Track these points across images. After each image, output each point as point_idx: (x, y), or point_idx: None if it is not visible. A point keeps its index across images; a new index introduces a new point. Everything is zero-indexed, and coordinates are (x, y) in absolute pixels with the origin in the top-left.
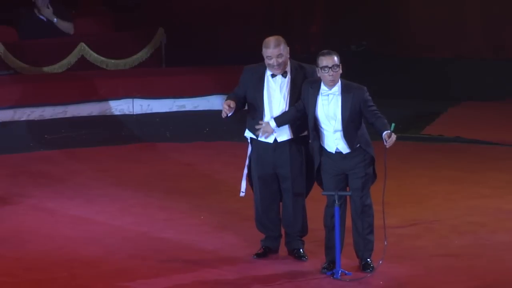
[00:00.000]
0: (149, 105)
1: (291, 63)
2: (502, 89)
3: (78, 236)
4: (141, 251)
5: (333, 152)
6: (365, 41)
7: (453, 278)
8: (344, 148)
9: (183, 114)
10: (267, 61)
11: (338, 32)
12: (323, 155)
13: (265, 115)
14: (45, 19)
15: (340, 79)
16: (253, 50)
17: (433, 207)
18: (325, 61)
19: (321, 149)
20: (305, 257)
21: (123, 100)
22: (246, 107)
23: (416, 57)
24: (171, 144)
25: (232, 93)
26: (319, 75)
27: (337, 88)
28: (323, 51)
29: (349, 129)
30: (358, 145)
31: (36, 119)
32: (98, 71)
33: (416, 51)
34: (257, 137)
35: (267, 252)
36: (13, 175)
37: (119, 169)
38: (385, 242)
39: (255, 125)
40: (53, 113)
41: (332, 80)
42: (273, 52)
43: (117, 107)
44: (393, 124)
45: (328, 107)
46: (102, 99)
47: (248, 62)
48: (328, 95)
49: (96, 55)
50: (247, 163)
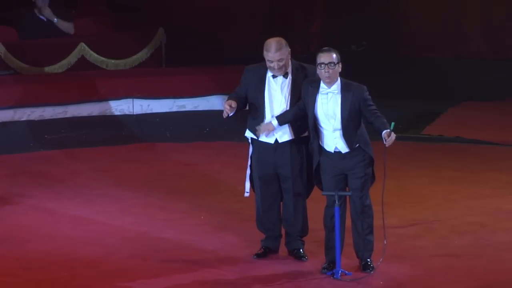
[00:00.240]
0: (149, 105)
1: (292, 63)
2: (502, 89)
3: (78, 236)
4: (141, 251)
5: (332, 152)
6: (365, 41)
7: (453, 278)
8: (343, 148)
9: (183, 114)
10: (268, 63)
11: (338, 32)
12: (322, 155)
13: (266, 115)
14: (45, 19)
15: (340, 78)
16: (253, 50)
17: (433, 207)
18: (322, 57)
19: (320, 148)
20: (305, 257)
21: (123, 100)
22: (247, 107)
23: (416, 57)
24: (171, 144)
25: (233, 93)
26: (317, 72)
27: (336, 86)
28: (323, 48)
29: (348, 128)
30: (357, 145)
31: (36, 119)
32: (98, 71)
33: (416, 51)
34: (257, 137)
35: (267, 252)
36: (13, 175)
37: (119, 169)
38: (385, 242)
39: (255, 125)
40: (53, 113)
41: (328, 77)
42: (274, 57)
43: (117, 107)
44: (392, 123)
45: (328, 105)
46: (102, 99)
47: (248, 62)
48: (327, 93)
49: (96, 55)
50: (249, 163)
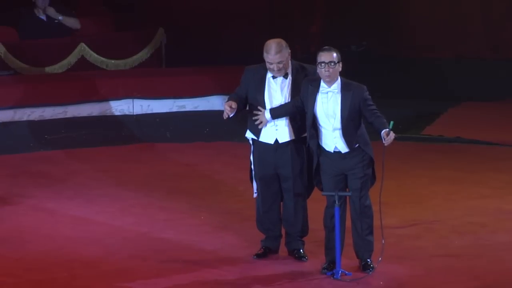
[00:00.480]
0: (149, 105)
1: (292, 64)
2: (502, 89)
3: (78, 236)
4: (141, 251)
5: (332, 152)
6: (365, 41)
7: (453, 279)
8: (343, 148)
9: (183, 115)
10: (267, 65)
11: (338, 32)
12: (321, 155)
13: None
14: (45, 19)
15: (340, 77)
16: (253, 50)
17: (433, 207)
18: (323, 56)
19: (319, 148)
20: (305, 257)
21: (123, 100)
22: (247, 107)
23: (416, 57)
24: (171, 144)
25: (234, 93)
26: (318, 71)
27: (336, 86)
28: (324, 47)
29: (348, 128)
30: (357, 145)
31: (36, 119)
32: (98, 71)
33: (416, 51)
34: (258, 137)
35: (267, 252)
36: (13, 175)
37: (119, 169)
38: (383, 241)
39: (256, 126)
40: (53, 113)
41: (328, 76)
42: (273, 59)
43: (117, 107)
44: (391, 122)
45: (328, 105)
46: (102, 99)
47: (248, 62)
48: (327, 93)
49: (96, 55)
50: (251, 164)
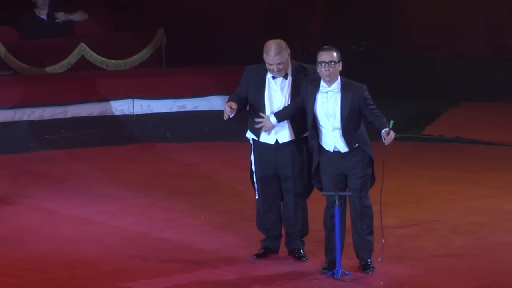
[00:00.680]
0: (149, 105)
1: (292, 64)
2: (502, 89)
3: (78, 236)
4: (141, 251)
5: (331, 151)
6: (365, 41)
7: (453, 279)
8: (343, 147)
9: (183, 115)
10: (267, 66)
11: (338, 32)
12: (321, 155)
13: None
14: (45, 18)
15: (340, 77)
16: (253, 50)
17: (433, 207)
18: (323, 56)
19: (319, 148)
20: (305, 257)
21: (123, 100)
22: (247, 108)
23: (416, 57)
24: (171, 144)
25: (234, 93)
26: (318, 70)
27: (336, 85)
28: (324, 46)
29: (348, 128)
30: (356, 144)
31: (36, 119)
32: (98, 71)
33: (416, 51)
34: (258, 138)
35: (267, 252)
36: (13, 175)
37: (119, 169)
38: (383, 241)
39: (256, 126)
40: (53, 113)
41: (328, 75)
42: (273, 60)
43: (117, 107)
44: (391, 122)
45: (327, 104)
46: (102, 99)
47: (248, 62)
48: (327, 92)
49: (96, 55)
50: (252, 165)
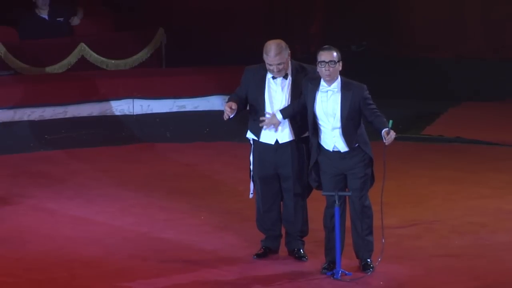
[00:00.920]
0: (149, 105)
1: (292, 64)
2: (502, 89)
3: (78, 236)
4: (141, 251)
5: (331, 151)
6: (365, 41)
7: (453, 279)
8: (342, 147)
9: (183, 115)
10: (267, 66)
11: (338, 32)
12: (321, 155)
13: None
14: (47, 18)
15: (340, 76)
16: (253, 50)
17: (433, 207)
18: (323, 56)
19: (319, 147)
20: (305, 257)
21: (123, 100)
22: (247, 108)
23: (416, 57)
24: (171, 144)
25: (234, 94)
26: (318, 70)
27: (336, 85)
28: (324, 46)
29: (347, 127)
30: (356, 144)
31: (36, 119)
32: (98, 71)
33: (416, 51)
34: (258, 138)
35: (267, 252)
36: (13, 175)
37: (119, 169)
38: (383, 241)
39: (256, 126)
40: (53, 113)
41: (328, 75)
42: (273, 60)
43: (117, 107)
44: (390, 121)
45: (327, 103)
46: (102, 99)
47: (248, 63)
48: (327, 91)
49: (96, 55)
50: (251, 164)
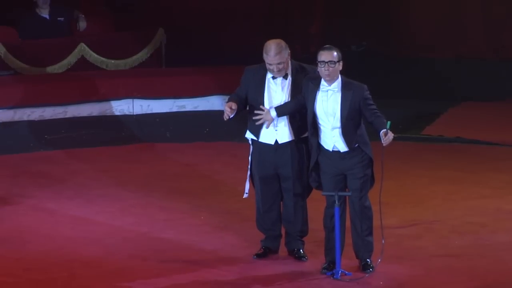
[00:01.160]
0: (149, 105)
1: (292, 64)
2: (502, 89)
3: (78, 236)
4: (141, 251)
5: (330, 151)
6: (365, 41)
7: (453, 279)
8: (342, 147)
9: (183, 115)
10: (267, 66)
11: (338, 32)
12: (321, 154)
13: None
14: (47, 17)
15: (340, 76)
16: (253, 50)
17: (433, 207)
18: (323, 56)
19: (318, 147)
20: (305, 257)
21: (123, 100)
22: (247, 108)
23: (416, 57)
24: (171, 144)
25: (234, 94)
26: (318, 69)
27: (336, 84)
28: (324, 46)
29: (347, 127)
30: (356, 145)
31: (36, 119)
32: (98, 71)
33: (416, 51)
34: (258, 138)
35: (267, 252)
36: (13, 175)
37: (119, 169)
38: (383, 241)
39: (256, 126)
40: (53, 113)
41: (328, 75)
42: (273, 60)
43: (117, 107)
44: (388, 122)
45: (327, 103)
46: (102, 99)
47: (248, 63)
48: (327, 91)
49: (96, 55)
50: (249, 164)
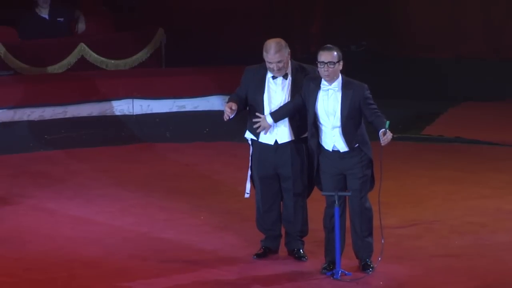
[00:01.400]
0: (149, 105)
1: (291, 64)
2: (502, 89)
3: (78, 236)
4: (141, 251)
5: (330, 150)
6: (365, 41)
7: (453, 279)
8: (342, 147)
9: (183, 115)
10: (267, 65)
11: (338, 32)
12: (321, 155)
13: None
14: (47, 17)
15: (341, 75)
16: (253, 50)
17: (433, 207)
18: (322, 56)
19: (319, 147)
20: (305, 257)
21: (123, 100)
22: (247, 108)
23: (416, 57)
24: (171, 144)
25: (234, 94)
26: (318, 69)
27: (337, 84)
28: (325, 45)
29: (347, 127)
30: (356, 145)
31: (36, 119)
32: (98, 72)
33: (416, 51)
34: (257, 138)
35: (267, 252)
36: (13, 175)
37: (119, 169)
38: (382, 241)
39: (256, 126)
40: (53, 113)
41: (327, 75)
42: (273, 58)
43: (117, 107)
44: (387, 122)
45: (328, 102)
46: (102, 99)
47: (248, 63)
48: (328, 90)
49: (96, 55)
50: (250, 164)
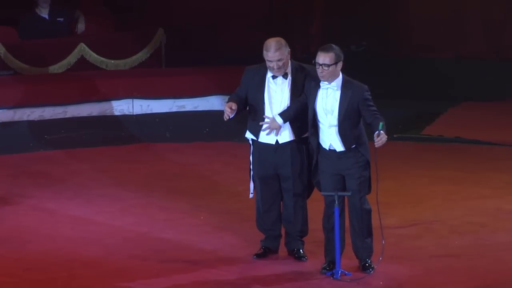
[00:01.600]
0: (149, 105)
1: (291, 64)
2: (502, 89)
3: (78, 237)
4: (141, 251)
5: (327, 149)
6: (365, 41)
7: (453, 279)
8: (338, 146)
9: (183, 115)
10: (267, 63)
11: (338, 32)
12: (320, 154)
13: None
14: (47, 17)
15: (342, 74)
16: (253, 50)
17: (433, 207)
18: (320, 57)
19: (318, 146)
20: (305, 257)
21: (123, 100)
22: (247, 108)
23: (416, 57)
24: (171, 144)
25: (234, 94)
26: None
27: (336, 83)
28: (324, 45)
29: (344, 126)
30: (353, 145)
31: (36, 119)
32: (98, 71)
33: (416, 51)
34: (258, 138)
35: (267, 252)
36: (13, 175)
37: (119, 169)
38: (383, 241)
39: (256, 126)
40: (53, 113)
41: (322, 76)
42: (273, 56)
43: (117, 107)
44: (380, 124)
45: (326, 100)
46: (102, 99)
47: (248, 63)
48: (327, 89)
49: (96, 55)
50: (251, 164)
